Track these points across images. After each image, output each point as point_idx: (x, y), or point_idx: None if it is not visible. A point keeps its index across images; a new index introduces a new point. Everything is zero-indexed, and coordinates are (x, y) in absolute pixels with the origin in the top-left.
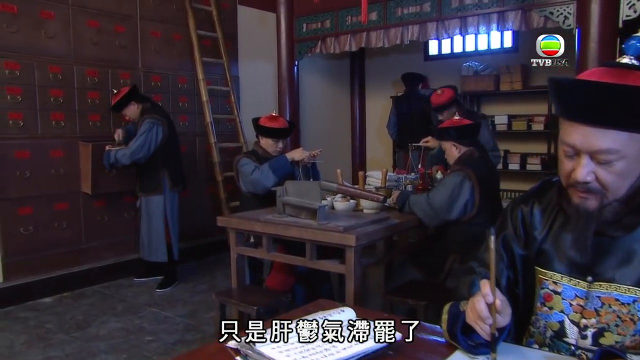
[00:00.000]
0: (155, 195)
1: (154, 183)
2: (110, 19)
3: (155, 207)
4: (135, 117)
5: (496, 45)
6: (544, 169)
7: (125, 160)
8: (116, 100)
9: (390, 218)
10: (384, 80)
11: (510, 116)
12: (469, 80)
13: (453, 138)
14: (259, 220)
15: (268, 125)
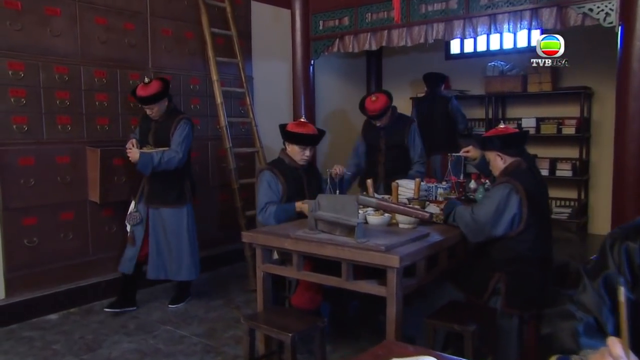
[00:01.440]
0: (180, 207)
1: (179, 193)
2: (119, 16)
3: (181, 220)
4: (160, 114)
5: (523, 44)
6: (575, 175)
7: (172, 164)
8: (153, 93)
9: (431, 234)
10: (402, 80)
11: (538, 119)
12: (494, 81)
13: (498, 148)
14: (290, 237)
15: (296, 131)
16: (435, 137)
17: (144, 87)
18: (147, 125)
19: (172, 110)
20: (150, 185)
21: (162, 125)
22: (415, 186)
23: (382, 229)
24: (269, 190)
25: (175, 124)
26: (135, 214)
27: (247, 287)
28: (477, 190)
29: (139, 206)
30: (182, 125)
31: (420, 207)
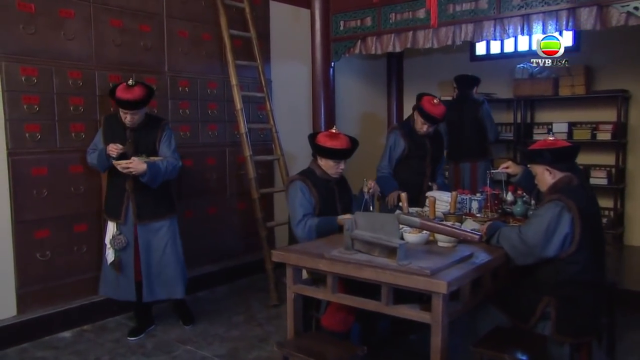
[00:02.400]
0: (172, 217)
1: (170, 202)
2: (135, 18)
3: (174, 231)
4: (139, 120)
5: None
6: (610, 183)
7: (175, 174)
8: (140, 98)
9: (475, 254)
10: (424, 82)
11: (571, 124)
12: (523, 84)
13: (547, 162)
14: (324, 257)
15: (329, 145)
16: (464, 143)
17: (128, 89)
18: (120, 133)
19: (152, 117)
20: (138, 199)
21: (143, 132)
22: (451, 200)
23: (420, 248)
24: (304, 200)
25: (161, 130)
26: (120, 237)
27: (268, 302)
28: (514, 203)
29: (123, 227)
30: (168, 131)
31: (458, 223)
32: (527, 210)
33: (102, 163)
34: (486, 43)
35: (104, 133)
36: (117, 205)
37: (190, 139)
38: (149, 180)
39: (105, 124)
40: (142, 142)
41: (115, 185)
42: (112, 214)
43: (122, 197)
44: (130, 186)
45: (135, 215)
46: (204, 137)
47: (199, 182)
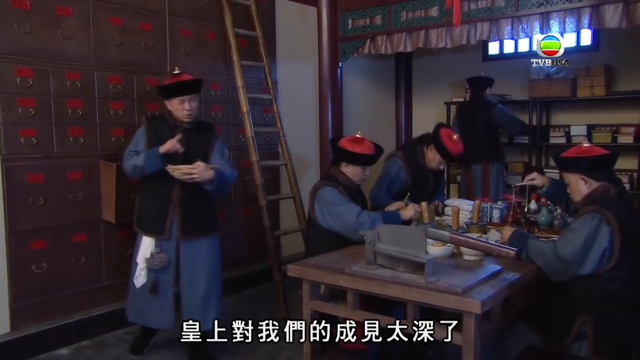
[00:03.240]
0: (215, 235)
1: (214, 217)
2: (135, 16)
3: (215, 251)
4: (195, 112)
5: (571, 43)
6: (633, 188)
7: (230, 186)
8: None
9: (505, 270)
10: (434, 83)
11: (590, 126)
12: (539, 84)
13: (582, 170)
14: (345, 273)
15: (358, 151)
16: (476, 145)
17: (176, 77)
18: (167, 135)
19: (200, 120)
20: (184, 212)
21: (195, 135)
22: (474, 209)
23: (445, 261)
24: (347, 200)
25: (213, 136)
26: (160, 255)
27: (277, 314)
28: (539, 212)
29: (163, 243)
30: (220, 138)
31: (482, 234)
32: (553, 219)
33: (151, 165)
34: (499, 42)
35: (148, 134)
36: (160, 218)
37: None
38: (214, 190)
39: (148, 125)
40: (193, 147)
41: (157, 194)
42: (151, 228)
43: (166, 208)
44: (177, 196)
45: (180, 230)
46: None
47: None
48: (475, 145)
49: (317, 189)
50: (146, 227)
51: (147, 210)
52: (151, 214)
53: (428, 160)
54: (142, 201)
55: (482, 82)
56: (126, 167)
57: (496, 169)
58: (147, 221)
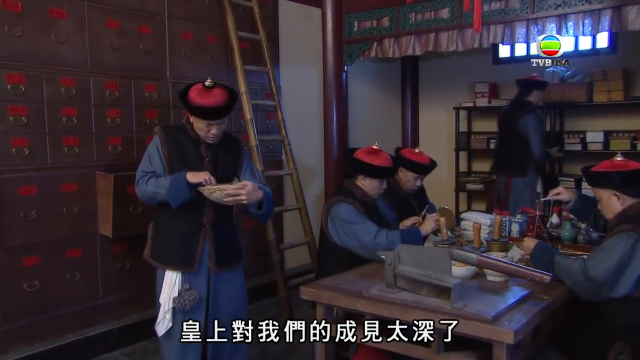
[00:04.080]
0: (242, 265)
1: (243, 245)
2: (133, 18)
3: (243, 282)
4: (219, 138)
5: (586, 46)
6: None
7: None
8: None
9: (535, 294)
10: (441, 87)
11: (607, 133)
12: (553, 89)
13: (615, 186)
14: (364, 296)
15: (377, 163)
16: (502, 154)
17: (207, 92)
18: (192, 151)
19: (225, 132)
20: (217, 240)
21: (222, 151)
22: (495, 225)
23: (469, 283)
24: (363, 217)
25: (242, 152)
26: (190, 293)
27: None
28: (561, 226)
29: (192, 277)
30: (247, 154)
31: (504, 254)
32: (577, 234)
33: (179, 196)
34: (510, 44)
35: (167, 150)
36: (189, 248)
37: None
38: (263, 214)
39: (165, 138)
40: (221, 165)
41: (183, 220)
42: (178, 260)
43: (196, 235)
44: (209, 220)
45: (213, 261)
46: None
47: None
48: (500, 154)
49: (332, 205)
50: (170, 259)
51: (171, 239)
52: (177, 243)
53: (403, 184)
54: (162, 228)
55: (524, 85)
56: (142, 193)
57: (520, 183)
58: (172, 252)
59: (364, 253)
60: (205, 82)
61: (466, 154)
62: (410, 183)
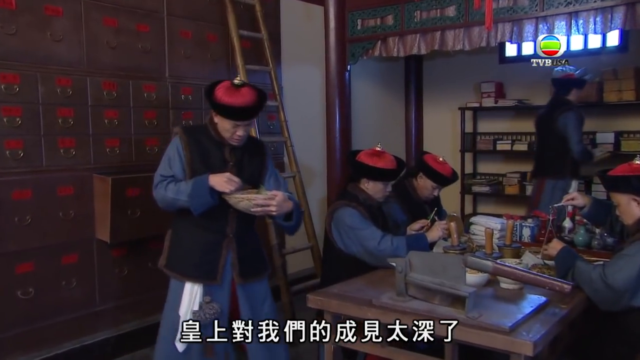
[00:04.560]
0: (267, 273)
1: (266, 252)
2: (131, 16)
3: (269, 291)
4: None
5: (596, 44)
6: None
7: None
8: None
9: (552, 302)
10: (446, 87)
11: (617, 134)
12: None
13: (635, 190)
14: (373, 305)
15: (381, 166)
16: (538, 156)
17: (235, 91)
18: (215, 154)
19: (250, 136)
20: (240, 250)
21: (246, 155)
22: (507, 230)
23: (482, 291)
24: (368, 221)
25: (267, 157)
26: (211, 306)
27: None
28: (574, 231)
29: (214, 290)
30: (272, 160)
31: (516, 260)
32: (591, 239)
33: (201, 203)
34: (517, 44)
35: (189, 152)
36: (211, 259)
37: None
38: (292, 226)
39: (187, 139)
40: (245, 169)
41: (205, 228)
42: (199, 271)
43: (218, 246)
44: (232, 229)
45: (237, 272)
46: None
47: None
48: (538, 155)
49: (335, 210)
50: (190, 270)
51: (191, 249)
52: (197, 253)
53: (420, 190)
54: (181, 236)
55: (561, 83)
56: (161, 199)
57: (552, 185)
58: (192, 263)
59: (369, 259)
60: (234, 80)
61: (472, 155)
62: (428, 191)
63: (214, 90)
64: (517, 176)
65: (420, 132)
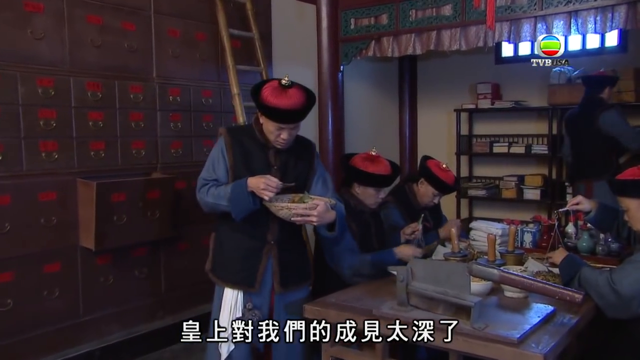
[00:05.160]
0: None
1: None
2: (117, 13)
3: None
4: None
5: (594, 44)
6: None
7: None
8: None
9: (560, 311)
10: (440, 88)
11: None
12: (560, 90)
13: None
14: (374, 316)
15: (371, 170)
16: (580, 158)
17: (283, 92)
18: (259, 157)
19: (298, 136)
20: (282, 257)
21: (292, 158)
22: (510, 236)
23: (487, 300)
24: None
25: (315, 158)
26: (254, 313)
27: None
28: (577, 236)
29: (254, 297)
30: (320, 161)
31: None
32: (596, 245)
33: (241, 209)
34: (514, 43)
35: (232, 155)
36: (251, 266)
37: (183, 157)
38: (336, 238)
39: (231, 142)
40: (290, 173)
41: (246, 234)
42: (239, 278)
43: (259, 252)
44: (273, 236)
45: (277, 281)
46: (199, 155)
47: (193, 208)
48: (579, 158)
49: None
50: (231, 277)
51: (232, 255)
52: (238, 259)
53: (420, 197)
54: (223, 241)
55: (595, 81)
56: (203, 204)
57: (602, 186)
58: (232, 269)
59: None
60: (281, 80)
61: (467, 158)
62: (428, 198)
63: (261, 89)
64: (515, 180)
65: (414, 134)
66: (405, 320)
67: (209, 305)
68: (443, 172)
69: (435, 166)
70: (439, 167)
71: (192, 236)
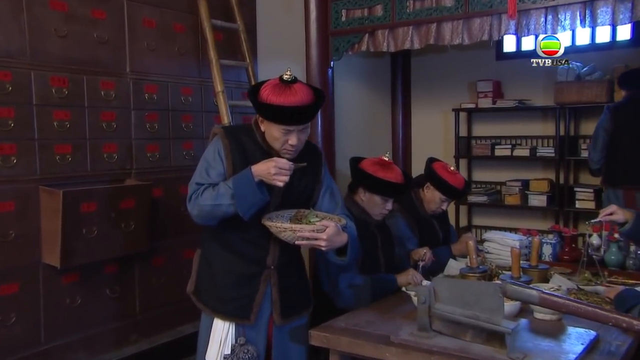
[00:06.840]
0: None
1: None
2: (85, 1)
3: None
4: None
5: (605, 38)
6: None
7: None
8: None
9: (602, 337)
10: (436, 86)
11: None
12: (568, 88)
13: None
14: (393, 343)
15: (380, 176)
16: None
17: (286, 88)
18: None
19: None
20: (282, 285)
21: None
22: (533, 249)
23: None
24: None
25: (322, 167)
26: (246, 349)
27: None
28: (603, 249)
29: (248, 330)
30: (327, 170)
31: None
32: (625, 258)
33: (247, 199)
34: (517, 38)
35: (231, 158)
36: (247, 294)
37: (160, 161)
38: (347, 263)
39: (229, 144)
40: (295, 185)
41: (242, 257)
42: (231, 309)
43: (255, 279)
44: (273, 260)
45: (277, 311)
46: (178, 159)
47: (171, 218)
48: (618, 163)
49: None
50: (221, 306)
51: (223, 280)
52: (230, 286)
53: (427, 203)
54: (210, 262)
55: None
56: (198, 211)
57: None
58: (224, 298)
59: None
60: (283, 76)
61: (467, 161)
62: (435, 204)
63: (259, 89)
64: (518, 185)
65: (407, 136)
66: (428, 348)
67: (188, 326)
68: (451, 175)
69: (442, 169)
70: (446, 170)
71: (171, 250)
